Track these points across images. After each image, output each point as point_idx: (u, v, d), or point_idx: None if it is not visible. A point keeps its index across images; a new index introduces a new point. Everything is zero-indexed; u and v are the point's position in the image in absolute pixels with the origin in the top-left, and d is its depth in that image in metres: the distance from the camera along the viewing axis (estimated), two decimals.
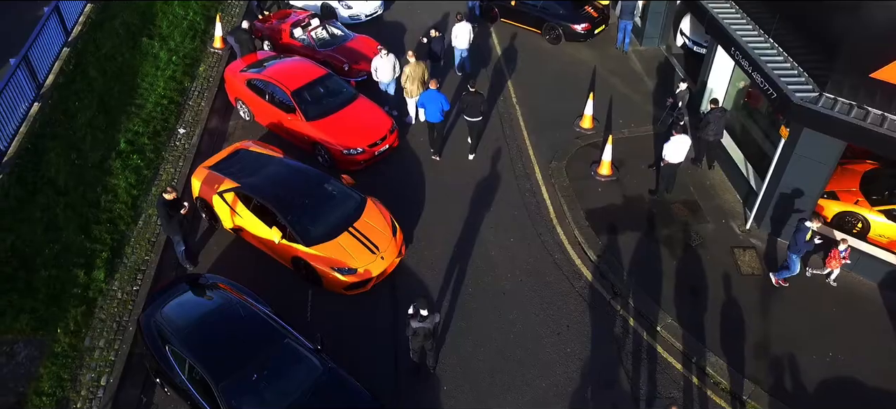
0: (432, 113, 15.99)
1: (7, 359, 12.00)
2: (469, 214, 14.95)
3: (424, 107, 16.05)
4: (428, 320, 10.92)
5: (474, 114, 16.23)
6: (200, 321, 11.45)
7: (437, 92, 15.89)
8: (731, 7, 15.33)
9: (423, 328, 10.97)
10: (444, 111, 16.07)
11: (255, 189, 13.85)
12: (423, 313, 10.86)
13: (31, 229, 14.12)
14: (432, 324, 11.03)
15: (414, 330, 11.01)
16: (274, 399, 10.47)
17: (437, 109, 15.91)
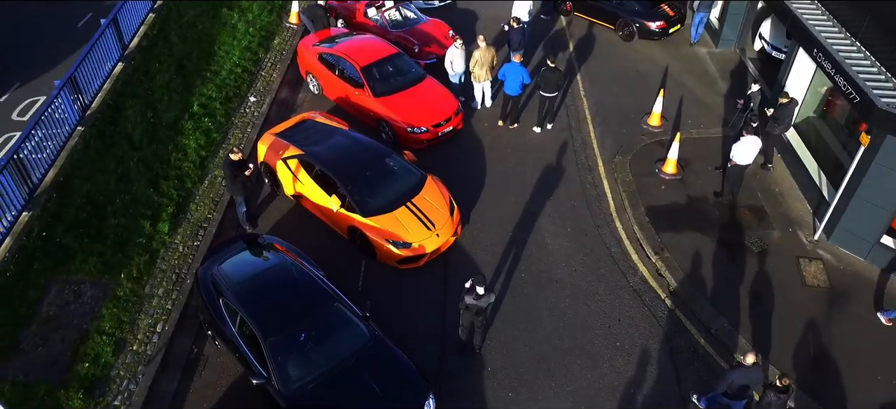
0: (512, 85, 16.21)
1: (74, 297, 12.40)
2: (528, 200, 14.71)
3: (505, 78, 16.20)
4: (483, 298, 10.77)
5: (551, 89, 16.29)
6: (254, 278, 11.58)
7: (519, 65, 16.08)
8: (815, 7, 14.64)
9: (475, 306, 10.81)
10: (523, 85, 16.25)
11: (318, 157, 13.94)
12: (479, 290, 10.72)
13: (106, 180, 14.60)
14: (486, 303, 10.86)
15: (466, 305, 10.87)
16: (319, 360, 10.50)
17: (518, 81, 16.12)
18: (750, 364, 9.91)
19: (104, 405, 10.90)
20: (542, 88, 16.36)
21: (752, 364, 9.91)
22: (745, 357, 9.96)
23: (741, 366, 10.04)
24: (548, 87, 16.25)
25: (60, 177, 14.55)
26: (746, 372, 9.94)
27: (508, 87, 16.31)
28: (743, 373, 9.95)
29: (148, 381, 11.30)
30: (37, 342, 11.73)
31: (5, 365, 11.18)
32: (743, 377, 9.95)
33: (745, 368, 9.93)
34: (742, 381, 9.97)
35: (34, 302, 12.27)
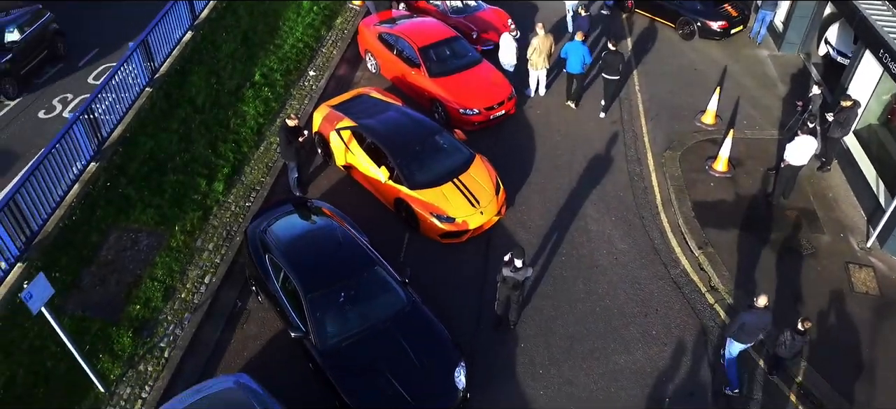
0: (574, 64, 16.50)
1: (131, 244, 12.95)
2: (574, 187, 14.65)
3: (567, 57, 16.45)
4: (520, 272, 10.81)
5: (612, 72, 16.50)
6: (300, 238, 11.89)
7: (582, 43, 16.38)
8: (885, 8, 14.13)
9: (513, 278, 10.86)
10: (585, 64, 16.54)
11: (371, 130, 14.18)
12: (517, 263, 10.78)
13: (168, 139, 15.20)
14: (523, 277, 10.90)
15: (504, 278, 10.93)
16: (355, 319, 10.73)
17: (580, 60, 16.44)
18: (761, 306, 10.28)
19: (151, 346, 11.36)
20: (604, 70, 16.63)
21: (763, 307, 10.29)
22: (757, 299, 10.30)
23: (754, 308, 10.36)
24: (609, 70, 16.49)
25: (127, 133, 15.22)
26: (757, 315, 10.31)
27: (570, 65, 16.62)
28: (754, 315, 10.31)
29: (193, 328, 11.73)
30: (95, 282, 12.31)
31: (66, 300, 11.77)
32: (754, 319, 10.31)
33: (757, 310, 10.31)
34: (753, 323, 10.33)
35: (95, 246, 12.88)
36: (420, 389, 10.01)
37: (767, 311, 10.36)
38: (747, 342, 10.59)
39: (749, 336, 10.53)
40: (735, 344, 10.58)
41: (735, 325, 10.48)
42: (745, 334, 10.48)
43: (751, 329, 10.43)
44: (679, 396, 10.83)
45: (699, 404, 10.75)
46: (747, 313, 10.36)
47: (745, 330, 10.43)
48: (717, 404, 10.76)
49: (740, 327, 10.41)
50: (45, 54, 19.08)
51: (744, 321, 10.34)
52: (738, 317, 10.48)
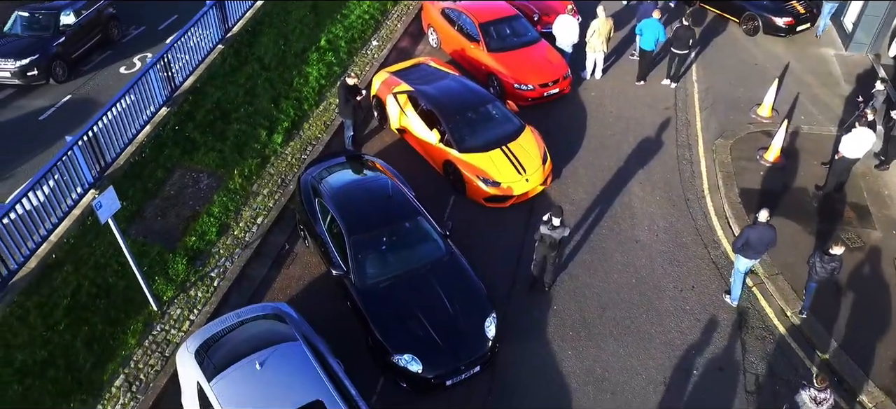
0: (647, 40, 16.80)
1: (193, 183, 13.67)
2: (621, 166, 14.68)
3: (641, 34, 16.86)
4: (557, 230, 10.99)
5: (682, 46, 16.81)
6: (349, 185, 12.37)
7: (657, 21, 16.67)
8: None
9: (549, 236, 11.04)
10: (658, 42, 16.84)
11: (426, 94, 14.56)
12: (554, 222, 10.97)
13: (235, 91, 15.91)
14: (559, 236, 11.06)
15: (541, 235, 11.13)
16: (394, 263, 11.10)
17: (653, 37, 16.70)
18: (763, 221, 10.86)
19: (202, 275, 12.00)
20: (674, 44, 16.86)
21: (765, 222, 10.86)
22: (759, 214, 10.96)
23: (757, 224, 10.97)
24: (679, 44, 16.75)
25: (198, 83, 16.01)
26: (760, 230, 10.84)
27: (644, 42, 16.88)
28: (757, 230, 10.85)
29: (242, 263, 12.32)
30: (157, 213, 13.05)
31: (130, 226, 12.54)
32: (757, 234, 10.83)
33: (760, 226, 10.88)
34: (756, 238, 10.84)
35: (160, 181, 13.65)
36: (450, 334, 10.30)
37: (770, 227, 10.87)
38: (753, 258, 11.09)
39: (754, 252, 10.98)
40: (741, 260, 11.17)
41: (740, 240, 11.01)
42: (751, 249, 10.94)
43: (755, 244, 10.88)
44: (708, 369, 10.80)
45: (728, 379, 10.69)
46: (750, 229, 10.92)
47: (750, 245, 10.89)
48: (746, 381, 10.70)
49: (745, 243, 10.92)
50: (98, 38, 19.43)
51: (748, 237, 10.87)
52: (743, 233, 11.01)
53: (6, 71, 17.36)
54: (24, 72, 17.39)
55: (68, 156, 12.34)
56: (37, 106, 17.14)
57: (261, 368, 8.87)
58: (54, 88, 17.83)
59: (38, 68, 17.54)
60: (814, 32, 19.69)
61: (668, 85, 17.51)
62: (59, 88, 17.83)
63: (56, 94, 17.57)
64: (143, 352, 10.82)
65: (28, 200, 11.55)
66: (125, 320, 11.14)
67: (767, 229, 10.89)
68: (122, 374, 10.49)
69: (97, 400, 10.15)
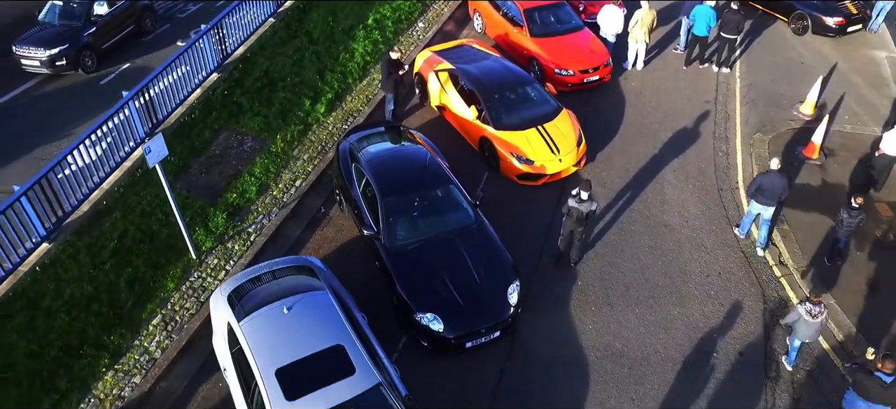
0: (700, 27, 16.99)
1: (237, 144, 14.20)
2: (656, 153, 14.68)
3: (694, 20, 17.04)
4: (584, 204, 11.13)
5: (731, 31, 17.04)
6: (385, 152, 12.70)
7: (709, 7, 16.89)
8: None
9: (577, 210, 11.19)
10: (710, 28, 17.00)
11: (466, 73, 14.81)
12: (582, 195, 11.12)
13: (283, 62, 16.43)
14: (587, 209, 11.19)
15: (569, 208, 11.28)
16: (423, 226, 11.39)
17: (706, 23, 16.93)
18: (775, 169, 11.78)
19: (240, 229, 12.47)
20: (723, 29, 17.04)
21: (777, 170, 11.76)
22: (771, 162, 11.97)
23: (769, 171, 11.85)
24: (728, 28, 16.96)
25: (248, 53, 16.57)
26: (772, 177, 11.67)
27: (697, 28, 17.05)
28: (769, 177, 11.70)
29: (278, 221, 12.75)
30: (202, 170, 13.60)
31: (176, 180, 13.09)
32: (769, 180, 11.66)
33: (771, 173, 11.75)
34: (768, 184, 11.66)
35: (207, 141, 14.20)
36: (473, 297, 10.52)
37: (781, 174, 11.72)
38: (764, 204, 11.84)
39: (766, 198, 11.75)
40: (754, 204, 12.03)
41: (753, 186, 11.93)
42: (762, 195, 11.75)
43: (767, 191, 11.69)
44: (728, 353, 10.79)
45: (748, 364, 10.67)
46: (763, 175, 11.85)
47: (762, 191, 11.73)
48: (768, 368, 10.66)
49: (757, 188, 11.81)
50: (131, 29, 18.87)
51: (760, 183, 11.77)
52: (756, 179, 11.96)
53: (35, 60, 17.07)
54: (53, 61, 17.04)
55: (124, 110, 13.02)
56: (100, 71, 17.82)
57: (288, 312, 9.23)
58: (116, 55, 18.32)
59: (67, 58, 17.15)
60: (867, 30, 19.27)
61: (719, 71, 17.66)
62: (121, 55, 18.45)
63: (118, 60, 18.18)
64: (180, 296, 11.32)
65: (84, 149, 12.23)
66: (165, 266, 11.67)
67: (779, 177, 11.69)
68: (159, 314, 11.01)
69: (135, 336, 10.69)
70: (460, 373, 10.39)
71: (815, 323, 9.83)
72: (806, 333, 9.99)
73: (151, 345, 10.58)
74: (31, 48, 17.08)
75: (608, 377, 10.40)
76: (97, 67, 17.85)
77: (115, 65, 17.95)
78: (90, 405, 9.80)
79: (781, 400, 10.24)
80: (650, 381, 10.36)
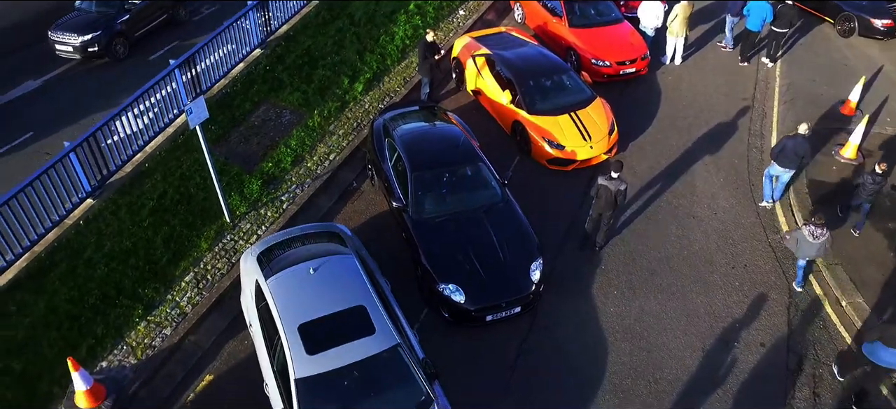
0: (754, 21, 16.96)
1: (275, 117, 14.56)
2: (689, 147, 14.57)
3: (748, 15, 17.04)
4: (613, 182, 11.21)
5: (784, 24, 17.08)
6: (418, 129, 12.87)
7: (765, 2, 16.85)
8: None
9: (606, 188, 11.25)
10: (765, 22, 16.96)
11: (502, 58, 14.92)
12: (613, 174, 11.18)
13: (324, 41, 16.76)
14: (615, 188, 11.24)
15: (598, 188, 11.34)
16: (451, 201, 11.56)
17: (760, 18, 16.90)
18: (802, 133, 12.32)
19: (273, 197, 12.78)
20: (775, 22, 17.00)
21: (803, 134, 12.30)
22: (800, 126, 12.40)
23: (796, 134, 12.38)
24: (782, 22, 16.97)
25: (291, 31, 16.96)
26: (796, 141, 12.21)
27: (750, 22, 17.02)
28: (794, 140, 12.26)
29: (310, 192, 13.04)
30: (240, 139, 13.97)
31: (215, 147, 13.48)
32: (793, 143, 12.21)
33: (798, 136, 12.29)
34: (791, 147, 12.19)
35: (246, 112, 14.59)
36: (496, 272, 10.63)
37: (807, 140, 12.26)
38: (785, 166, 12.36)
39: (788, 160, 12.28)
40: (775, 166, 12.57)
41: (778, 147, 12.45)
42: (785, 157, 12.28)
43: (790, 153, 12.23)
44: (749, 343, 10.69)
45: (769, 355, 10.55)
46: (788, 138, 12.35)
47: (785, 153, 12.25)
48: (789, 359, 10.55)
49: (781, 150, 12.31)
50: (165, 18, 18.87)
51: (784, 144, 12.28)
52: (781, 141, 12.47)
53: (68, 46, 17.19)
54: (85, 47, 17.14)
55: (170, 78, 13.47)
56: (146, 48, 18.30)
57: (314, 273, 9.47)
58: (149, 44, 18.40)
59: (99, 45, 17.22)
60: None
61: (768, 65, 17.66)
62: (173, 32, 18.94)
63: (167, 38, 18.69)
64: (213, 256, 11.68)
65: (130, 112, 12.71)
66: (200, 227, 12.05)
67: (803, 141, 12.22)
68: (192, 271, 11.37)
69: (168, 290, 11.07)
70: (479, 346, 10.52)
71: (815, 244, 10.79)
72: (808, 252, 10.96)
73: (183, 300, 10.95)
74: (65, 34, 17.20)
75: (626, 360, 10.41)
76: (129, 55, 17.92)
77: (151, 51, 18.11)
78: (122, 351, 10.19)
79: (801, 393, 10.12)
80: (669, 366, 10.34)
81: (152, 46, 18.16)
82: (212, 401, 9.85)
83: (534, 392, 9.95)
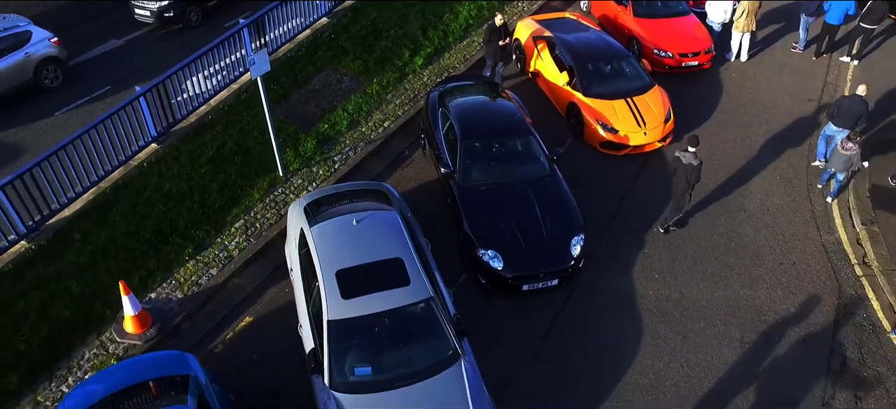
0: (835, 14, 16.42)
1: (336, 82, 14.87)
2: (746, 142, 14.14)
3: (829, 9, 16.49)
4: (687, 156, 11.22)
5: (872, 20, 16.41)
6: (473, 100, 12.96)
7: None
8: None
9: (679, 161, 11.25)
10: (847, 15, 16.42)
11: (563, 40, 14.82)
12: (689, 149, 11.17)
13: (389, 15, 17.04)
14: (689, 162, 11.15)
15: (674, 161, 11.33)
16: (498, 171, 11.61)
17: (842, 12, 16.34)
18: (860, 93, 12.59)
19: (327, 157, 13.06)
20: (863, 18, 16.39)
21: (862, 94, 12.58)
22: (859, 87, 12.69)
23: (853, 94, 12.67)
24: (871, 18, 16.30)
25: (358, 3, 17.24)
26: (853, 101, 12.50)
27: (831, 16, 16.48)
28: (850, 101, 12.55)
29: (362, 155, 13.27)
30: (300, 101, 14.32)
31: (275, 106, 13.82)
32: (849, 103, 12.50)
33: (855, 96, 12.56)
34: (848, 106, 12.47)
35: (308, 76, 14.95)
36: (536, 242, 10.61)
37: (863, 100, 12.48)
38: (841, 125, 12.58)
39: (843, 119, 12.55)
40: (830, 125, 12.84)
41: (834, 107, 12.82)
42: (840, 116, 12.59)
43: (846, 112, 12.52)
44: (791, 340, 10.34)
45: (811, 354, 10.18)
46: (845, 97, 12.70)
47: (841, 112, 12.56)
48: (832, 360, 10.16)
49: (837, 109, 12.67)
50: None
51: (841, 104, 12.63)
52: (838, 100, 12.93)
53: (146, 11, 18.00)
54: (162, 13, 17.87)
55: (237, 35, 13.92)
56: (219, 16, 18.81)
57: (356, 224, 9.65)
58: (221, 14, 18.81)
59: (174, 11, 17.94)
60: None
61: (847, 62, 17.03)
62: (245, 3, 19.34)
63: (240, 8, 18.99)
64: (263, 206, 12.02)
65: (199, 68, 13.21)
66: (254, 178, 12.42)
67: (860, 102, 12.43)
68: (242, 219, 11.74)
69: (218, 234, 11.46)
70: (514, 313, 10.53)
71: (844, 154, 11.75)
72: (837, 163, 11.98)
73: (231, 244, 11.31)
74: (143, 0, 18.11)
75: (661, 342, 10.23)
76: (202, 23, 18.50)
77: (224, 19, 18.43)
78: (170, 284, 10.63)
79: (842, 394, 9.73)
80: (704, 353, 10.11)
81: (225, 15, 18.66)
82: (248, 340, 10.17)
83: (562, 361, 9.90)
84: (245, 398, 9.30)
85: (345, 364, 8.41)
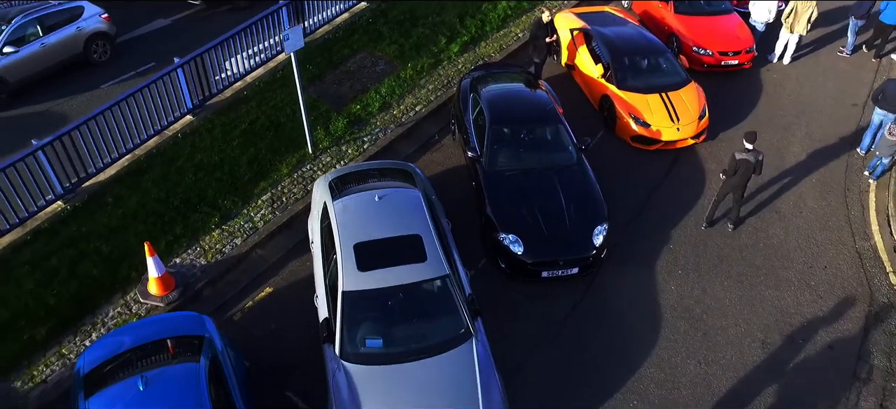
0: (891, 14, 15.94)
1: (371, 65, 14.95)
2: (783, 144, 13.73)
3: (885, 9, 16.00)
4: (751, 153, 11.00)
5: None
6: (504, 88, 12.89)
7: None
8: None
9: (745, 161, 11.00)
10: None
11: (599, 33, 14.64)
12: (748, 146, 10.94)
13: (427, 3, 17.03)
14: (755, 158, 10.98)
15: (737, 163, 11.12)
16: (525, 156, 11.55)
17: None
18: None
19: (356, 137, 13.13)
20: None
21: None
22: None
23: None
24: None
25: None
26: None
27: (886, 15, 16.03)
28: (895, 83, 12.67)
29: (391, 137, 13.29)
30: (334, 81, 14.43)
31: (309, 85, 13.99)
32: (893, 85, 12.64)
33: None
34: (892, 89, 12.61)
35: (344, 57, 15.04)
36: (558, 229, 10.50)
37: None
38: (886, 109, 12.67)
39: (889, 102, 12.65)
40: (877, 111, 12.90)
41: (878, 91, 13.04)
42: (885, 100, 12.70)
43: (890, 96, 12.65)
44: (817, 344, 10.02)
45: (837, 360, 9.85)
46: (891, 80, 12.76)
47: (886, 97, 12.70)
48: (858, 367, 9.81)
49: (882, 92, 12.84)
50: None
51: (885, 88, 12.80)
52: (883, 84, 13.06)
53: None
54: None
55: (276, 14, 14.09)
56: None
57: (378, 200, 9.68)
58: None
59: None
60: None
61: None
62: None
63: None
64: (291, 181, 12.14)
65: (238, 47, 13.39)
66: (284, 153, 12.56)
67: None
68: (269, 192, 11.88)
69: (245, 205, 11.63)
70: (532, 299, 10.44)
71: (891, 140, 11.94)
72: (884, 149, 12.15)
73: (256, 216, 11.46)
74: None
75: (679, 338, 10.02)
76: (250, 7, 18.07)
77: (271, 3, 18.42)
78: (195, 251, 10.82)
79: (867, 403, 9.39)
80: (723, 351, 9.87)
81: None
82: (267, 310, 10.29)
83: (577, 349, 9.78)
84: (260, 366, 9.40)
85: (356, 335, 8.44)
